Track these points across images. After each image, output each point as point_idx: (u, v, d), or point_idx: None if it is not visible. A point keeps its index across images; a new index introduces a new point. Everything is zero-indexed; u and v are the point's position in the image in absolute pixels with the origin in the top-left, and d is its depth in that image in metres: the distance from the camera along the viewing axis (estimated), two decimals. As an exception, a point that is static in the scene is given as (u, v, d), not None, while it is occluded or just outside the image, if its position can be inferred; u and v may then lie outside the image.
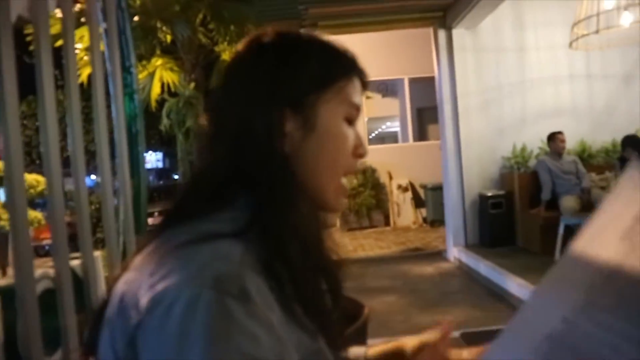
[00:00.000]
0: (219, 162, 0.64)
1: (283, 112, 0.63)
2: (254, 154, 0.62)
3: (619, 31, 4.66)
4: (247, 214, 0.60)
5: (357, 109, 0.68)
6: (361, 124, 9.23)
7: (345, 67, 0.68)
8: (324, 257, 0.68)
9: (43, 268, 1.69)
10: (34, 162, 10.13)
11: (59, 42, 1.56)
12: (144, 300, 0.52)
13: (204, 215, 0.61)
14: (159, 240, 0.61)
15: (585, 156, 5.65)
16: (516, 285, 4.13)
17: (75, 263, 1.44)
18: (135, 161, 1.83)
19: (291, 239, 0.60)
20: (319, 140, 0.64)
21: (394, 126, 12.39)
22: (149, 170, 17.68)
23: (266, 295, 0.54)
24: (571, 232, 4.70)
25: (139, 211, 1.88)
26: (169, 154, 17.53)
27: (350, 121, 0.67)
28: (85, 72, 4.64)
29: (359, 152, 0.68)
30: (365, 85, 0.70)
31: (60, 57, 1.64)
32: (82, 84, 4.58)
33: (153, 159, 18.49)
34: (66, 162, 1.48)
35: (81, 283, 1.41)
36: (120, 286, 0.58)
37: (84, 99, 1.76)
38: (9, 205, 1.20)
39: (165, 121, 4.91)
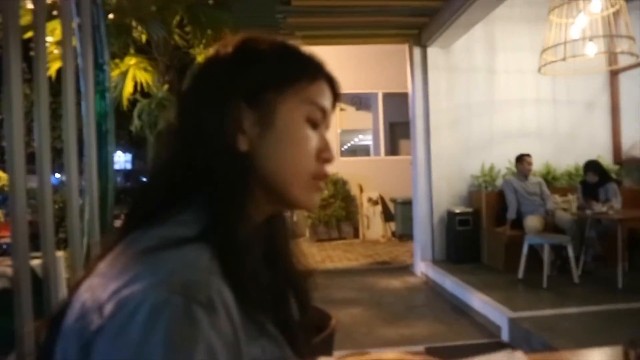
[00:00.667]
0: (176, 160, 0.62)
1: (238, 106, 0.61)
2: (208, 150, 0.60)
3: (584, 60, 4.85)
4: (206, 215, 0.58)
5: (323, 111, 0.66)
6: (334, 136, 9.30)
7: (308, 68, 0.66)
8: (289, 264, 0.67)
9: (1, 267, 1.62)
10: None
11: (29, 34, 1.51)
12: (108, 305, 0.51)
13: (165, 217, 0.59)
14: (122, 244, 0.59)
15: (549, 178, 5.81)
16: (479, 301, 4.19)
17: (35, 263, 1.39)
18: (104, 161, 1.78)
19: (247, 246, 0.58)
20: (277, 138, 0.62)
21: (367, 139, 12.50)
22: (117, 171, 17.29)
23: (230, 306, 0.53)
24: (534, 251, 4.82)
25: (105, 212, 1.82)
26: (139, 156, 17.20)
27: (314, 124, 0.65)
28: (54, 67, 4.52)
29: (324, 156, 0.66)
30: (336, 91, 0.69)
31: (28, 50, 1.59)
32: (50, 79, 4.46)
33: (122, 160, 18.09)
34: (30, 159, 1.43)
35: (41, 284, 1.35)
36: (82, 292, 0.56)
37: (52, 94, 1.71)
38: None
39: (136, 122, 4.81)
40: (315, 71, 0.67)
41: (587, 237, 4.90)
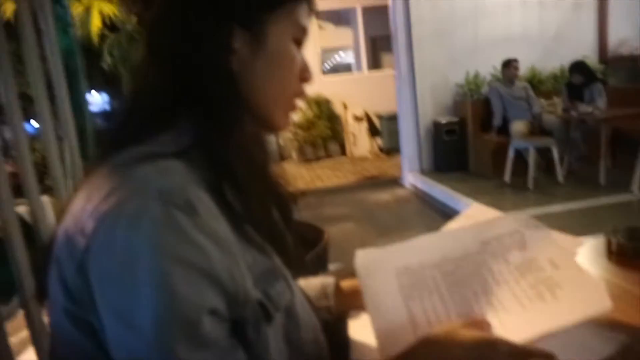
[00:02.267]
0: (161, 80, 0.61)
1: (232, 27, 0.60)
2: (200, 70, 0.60)
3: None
4: (190, 136, 0.58)
5: (305, 32, 0.67)
6: (315, 55, 9.02)
7: None
8: (271, 179, 0.68)
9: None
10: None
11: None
12: (89, 224, 0.52)
13: (145, 139, 0.59)
14: (100, 167, 0.58)
15: (535, 82, 5.77)
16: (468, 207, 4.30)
17: (23, 209, 1.38)
18: (77, 101, 1.71)
19: (238, 158, 0.59)
20: (268, 59, 0.63)
21: (348, 56, 12.17)
22: (95, 113, 16.82)
23: (213, 211, 0.53)
24: (520, 155, 4.89)
25: (87, 153, 1.79)
26: (115, 95, 16.67)
27: (299, 43, 0.66)
28: (9, 9, 4.22)
29: (305, 75, 0.67)
30: (313, 7, 0.68)
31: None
32: (9, 24, 4.17)
33: (99, 101, 17.51)
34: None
35: (31, 230, 1.35)
36: (65, 220, 0.56)
37: (14, 39, 1.60)
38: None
39: (107, 59, 4.59)
40: None
41: (571, 138, 4.96)
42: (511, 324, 0.63)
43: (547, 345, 0.60)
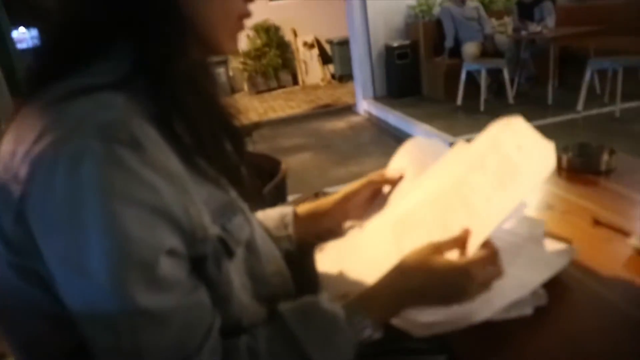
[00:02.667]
0: (89, 5, 0.53)
1: None
2: None
3: None
4: (127, 64, 0.52)
5: None
6: (260, -24, 8.51)
7: None
8: (221, 109, 0.63)
9: None
10: None
11: None
12: (22, 168, 0.46)
13: (76, 71, 0.52)
14: (29, 105, 0.52)
15: (486, 2, 5.70)
16: (423, 132, 4.36)
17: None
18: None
19: (184, 85, 0.54)
20: None
21: (296, -23, 11.58)
22: (25, 50, 15.60)
23: (161, 145, 0.49)
24: (472, 78, 4.91)
25: (18, 91, 1.63)
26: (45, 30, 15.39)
27: None
28: None
29: None
30: None
31: None
32: None
33: (28, 37, 16.18)
34: None
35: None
36: None
37: None
38: None
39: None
40: None
41: (521, 59, 5.00)
42: (478, 220, 0.65)
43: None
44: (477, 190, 0.70)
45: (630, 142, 3.38)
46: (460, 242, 0.64)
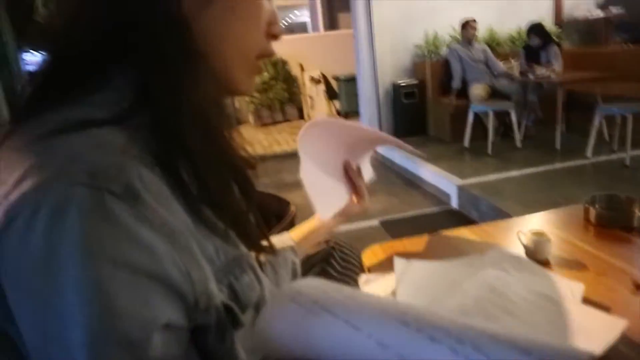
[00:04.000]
0: (89, 26, 0.47)
1: None
2: (139, 11, 0.46)
3: None
4: (129, 95, 0.45)
5: None
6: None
7: None
8: (230, 149, 0.55)
9: None
10: None
11: None
12: None
13: (71, 100, 0.45)
14: (14, 138, 0.45)
15: (493, 44, 5.75)
16: (429, 173, 4.30)
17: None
18: (2, 55, 1.48)
19: (191, 122, 0.46)
20: (225, 6, 0.51)
21: (303, 15, 11.82)
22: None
23: (163, 195, 0.42)
24: (479, 119, 4.89)
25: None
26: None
27: None
28: None
29: (273, 30, 0.56)
30: None
31: None
32: None
33: (37, 60, 16.47)
34: None
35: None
36: None
37: None
38: None
39: (41, 10, 4.18)
40: None
41: (529, 102, 5.00)
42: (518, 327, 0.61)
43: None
44: (502, 286, 0.68)
45: (641, 190, 3.31)
46: None
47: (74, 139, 0.41)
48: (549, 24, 5.87)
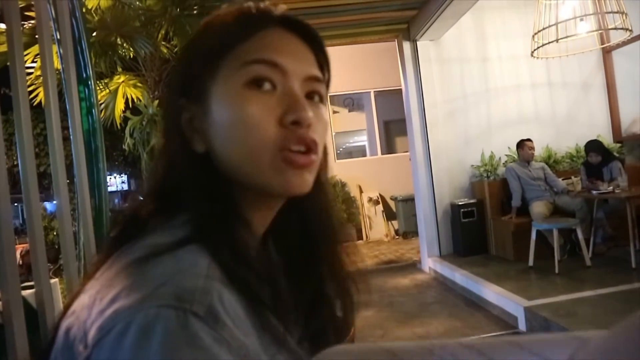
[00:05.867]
0: (158, 169, 0.57)
1: (180, 104, 0.56)
2: (169, 158, 0.56)
3: (576, 40, 4.80)
4: (199, 216, 0.52)
5: (273, 64, 0.53)
6: (328, 138, 9.18)
7: (239, 30, 0.55)
8: (328, 263, 0.61)
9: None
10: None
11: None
12: (92, 331, 0.43)
13: (158, 227, 0.52)
14: (111, 260, 0.51)
15: (551, 162, 5.75)
16: (493, 293, 4.11)
17: (29, 292, 1.30)
18: (95, 180, 1.70)
19: (234, 245, 0.51)
20: (222, 123, 0.52)
21: (362, 140, 12.43)
22: (114, 192, 17.20)
23: (238, 315, 0.44)
24: (542, 237, 4.74)
25: (101, 234, 1.74)
26: (134, 175, 17.10)
27: (259, 83, 0.53)
28: (42, 92, 4.42)
29: (288, 119, 0.52)
30: (294, 26, 0.57)
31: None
32: (41, 104, 4.38)
33: (118, 182, 17.97)
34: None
35: (36, 315, 1.27)
36: (66, 318, 0.48)
37: (42, 120, 1.63)
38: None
39: (128, 140, 4.72)
40: (249, 27, 0.55)
41: (595, 218, 4.82)
42: None
43: None
44: None
45: None
46: None
47: (163, 262, 0.45)
48: (608, 141, 5.85)
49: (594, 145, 5.13)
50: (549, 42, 4.59)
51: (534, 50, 4.77)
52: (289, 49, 0.55)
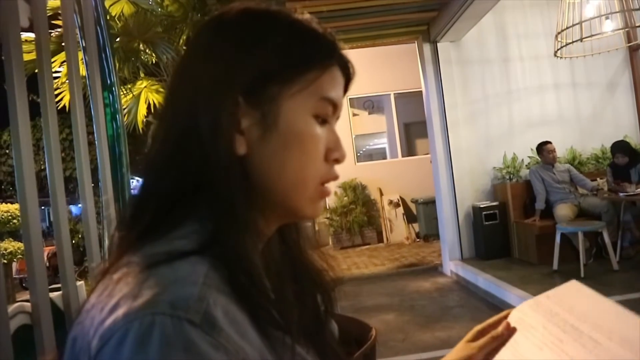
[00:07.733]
0: (168, 166, 0.53)
1: (236, 103, 0.51)
2: (202, 155, 0.51)
3: (601, 39, 4.71)
4: (209, 225, 0.50)
5: (334, 105, 0.55)
6: (348, 142, 9.21)
7: (320, 52, 0.55)
8: (311, 275, 0.59)
9: (18, 302, 1.57)
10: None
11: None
12: (94, 341, 0.43)
13: (163, 232, 0.51)
14: (115, 267, 0.50)
15: (575, 164, 5.64)
16: (516, 297, 4.04)
17: (56, 294, 1.33)
18: (120, 184, 1.73)
19: (247, 263, 0.49)
20: (280, 141, 0.52)
21: (382, 142, 12.40)
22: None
23: (239, 320, 0.45)
24: (567, 240, 4.65)
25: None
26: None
27: (323, 119, 0.55)
28: (67, 98, 4.53)
29: (333, 156, 0.55)
30: (349, 74, 0.58)
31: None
32: (65, 109, 4.48)
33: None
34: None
35: (63, 317, 1.30)
36: (73, 329, 0.49)
37: (68, 125, 1.67)
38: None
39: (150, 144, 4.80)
40: (328, 55, 0.55)
41: (622, 221, 4.71)
42: None
43: None
44: None
45: None
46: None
47: (162, 271, 0.46)
48: (635, 141, 5.72)
49: (620, 146, 5.02)
50: (573, 42, 4.51)
51: (558, 50, 4.69)
52: (342, 92, 0.58)
